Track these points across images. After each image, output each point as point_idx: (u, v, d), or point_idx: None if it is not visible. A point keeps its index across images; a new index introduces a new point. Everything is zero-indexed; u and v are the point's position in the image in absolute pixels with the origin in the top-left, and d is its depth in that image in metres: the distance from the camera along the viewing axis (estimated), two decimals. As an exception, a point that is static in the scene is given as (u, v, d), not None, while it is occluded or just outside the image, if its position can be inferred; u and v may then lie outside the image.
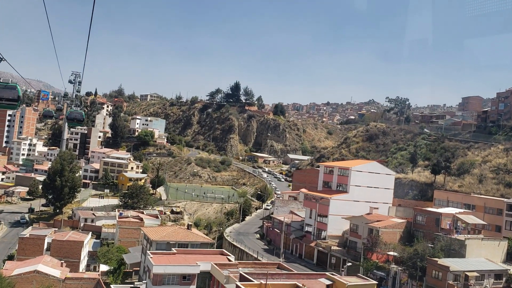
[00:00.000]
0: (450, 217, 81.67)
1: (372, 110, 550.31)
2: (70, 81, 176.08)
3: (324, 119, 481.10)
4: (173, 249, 79.89)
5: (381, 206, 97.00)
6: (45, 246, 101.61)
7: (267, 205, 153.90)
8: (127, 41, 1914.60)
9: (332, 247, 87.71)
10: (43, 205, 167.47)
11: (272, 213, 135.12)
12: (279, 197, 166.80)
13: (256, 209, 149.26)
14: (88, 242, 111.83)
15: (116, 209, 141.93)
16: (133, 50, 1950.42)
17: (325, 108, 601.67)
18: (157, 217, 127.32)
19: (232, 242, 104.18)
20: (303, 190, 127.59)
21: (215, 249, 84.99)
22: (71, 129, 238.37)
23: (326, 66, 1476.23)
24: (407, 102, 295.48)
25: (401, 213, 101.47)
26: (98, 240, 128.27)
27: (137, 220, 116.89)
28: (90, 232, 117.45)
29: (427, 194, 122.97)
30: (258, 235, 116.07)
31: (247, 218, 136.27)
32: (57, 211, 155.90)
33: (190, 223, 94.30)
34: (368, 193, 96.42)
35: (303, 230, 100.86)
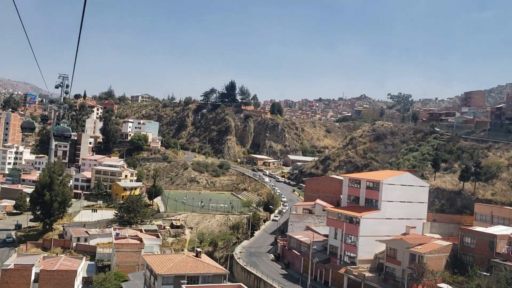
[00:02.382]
0: (506, 239, 70.17)
1: (365, 106, 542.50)
2: (58, 86, 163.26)
3: (317, 115, 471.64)
4: (183, 286, 67.65)
5: (415, 223, 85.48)
6: (33, 277, 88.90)
7: (275, 216, 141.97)
8: (115, 41, 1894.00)
9: (366, 274, 75.76)
10: (31, 220, 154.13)
11: (284, 227, 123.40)
12: (285, 206, 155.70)
13: (264, 221, 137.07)
14: (82, 268, 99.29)
15: (112, 227, 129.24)
16: (122, 50, 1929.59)
17: (317, 104, 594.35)
18: (157, 236, 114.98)
19: (245, 266, 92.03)
20: (320, 202, 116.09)
21: (231, 284, 72.83)
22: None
23: (316, 61, 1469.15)
24: (410, 99, 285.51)
25: (436, 230, 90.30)
26: (93, 262, 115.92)
27: (136, 242, 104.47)
28: (84, 258, 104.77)
29: (456, 203, 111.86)
30: (272, 256, 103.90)
31: (256, 233, 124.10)
32: (47, 227, 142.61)
33: (199, 249, 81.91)
34: (401, 209, 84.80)
35: (326, 251, 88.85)
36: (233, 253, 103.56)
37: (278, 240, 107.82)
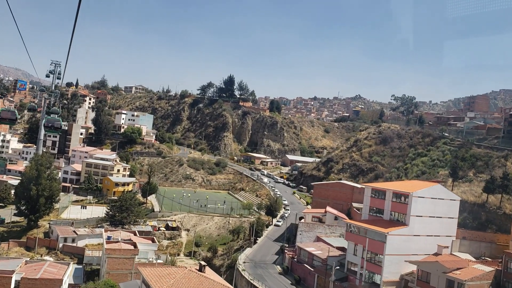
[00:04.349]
0: (558, 267, 61.40)
1: (360, 106, 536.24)
2: (48, 75, 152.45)
3: (312, 114, 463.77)
4: (187, 309, 58.13)
5: (444, 240, 76.51)
6: (13, 286, 78.80)
7: (277, 221, 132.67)
8: (110, 30, 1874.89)
9: (393, 300, 66.62)
10: (15, 215, 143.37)
11: (289, 234, 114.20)
12: (287, 210, 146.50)
13: (267, 226, 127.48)
14: (68, 275, 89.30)
15: (103, 227, 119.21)
16: (116, 39, 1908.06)
17: (312, 103, 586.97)
18: (153, 241, 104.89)
19: (251, 281, 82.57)
20: (330, 210, 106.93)
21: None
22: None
23: (312, 60, 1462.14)
24: (414, 101, 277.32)
25: (466, 248, 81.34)
26: (81, 266, 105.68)
27: (130, 247, 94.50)
28: (71, 263, 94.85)
29: (479, 217, 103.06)
30: (279, 268, 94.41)
31: (259, 239, 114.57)
32: (32, 223, 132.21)
33: (203, 263, 72.16)
34: (430, 224, 75.79)
35: (343, 268, 79.44)
36: (237, 263, 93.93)
37: (285, 251, 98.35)
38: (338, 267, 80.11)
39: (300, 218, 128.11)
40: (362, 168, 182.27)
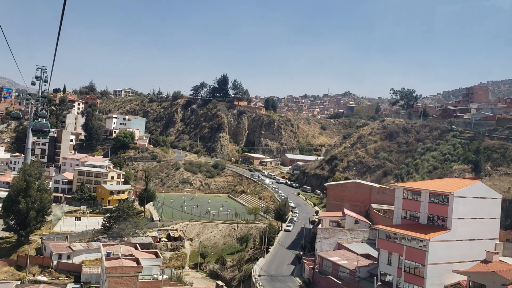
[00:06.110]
0: None
1: (351, 102, 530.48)
2: (34, 82, 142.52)
3: (304, 112, 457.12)
4: None
5: (487, 244, 68.12)
6: (3, 315, 69.45)
7: (287, 226, 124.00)
8: (95, 33, 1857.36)
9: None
10: (3, 229, 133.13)
11: (305, 241, 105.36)
12: (295, 213, 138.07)
13: (277, 232, 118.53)
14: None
15: (101, 242, 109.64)
16: (102, 42, 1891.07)
17: (303, 100, 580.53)
18: (156, 255, 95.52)
19: (272, 298, 73.47)
20: (349, 212, 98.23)
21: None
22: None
23: (300, 58, 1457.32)
24: (414, 94, 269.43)
25: (510, 252, 72.87)
26: (78, 286, 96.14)
27: (132, 264, 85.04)
28: (68, 285, 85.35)
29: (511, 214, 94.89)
30: (299, 280, 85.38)
31: (271, 248, 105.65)
32: (22, 239, 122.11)
33: (220, 283, 63.07)
34: (472, 227, 67.38)
35: (372, 278, 70.73)
36: (252, 277, 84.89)
37: (304, 261, 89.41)
38: (364, 277, 71.60)
39: (313, 222, 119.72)
40: (368, 165, 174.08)
